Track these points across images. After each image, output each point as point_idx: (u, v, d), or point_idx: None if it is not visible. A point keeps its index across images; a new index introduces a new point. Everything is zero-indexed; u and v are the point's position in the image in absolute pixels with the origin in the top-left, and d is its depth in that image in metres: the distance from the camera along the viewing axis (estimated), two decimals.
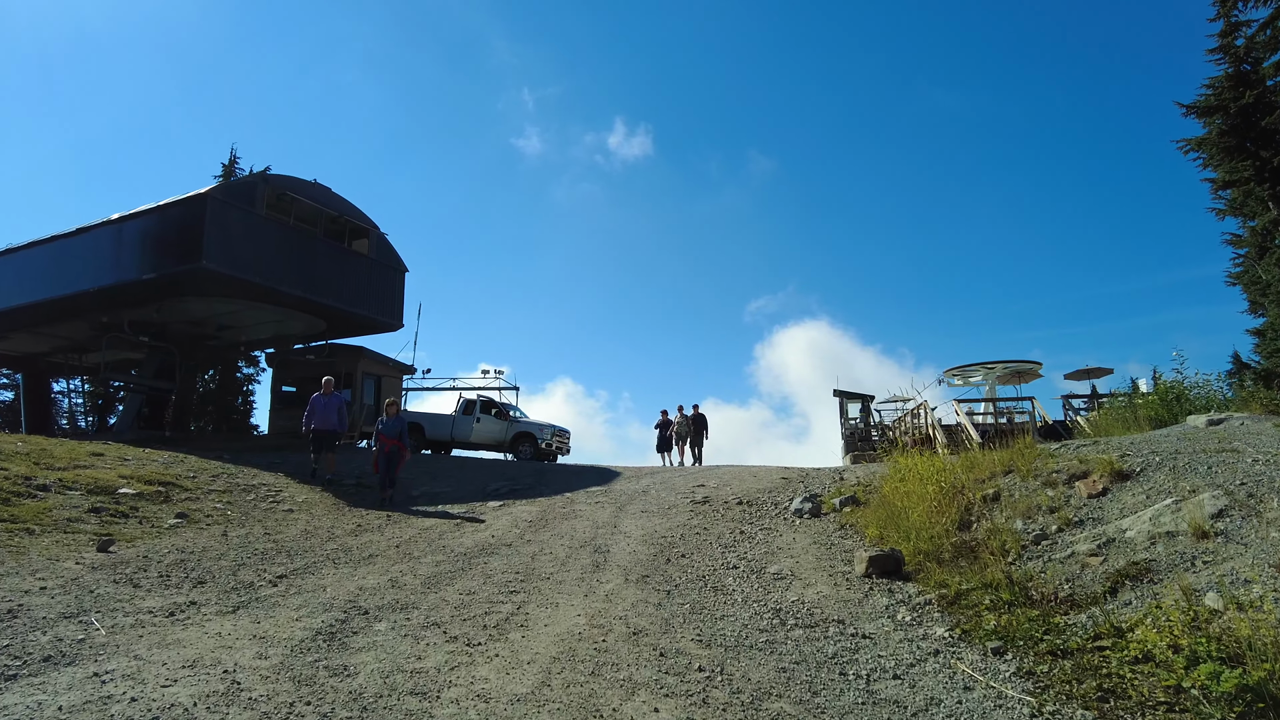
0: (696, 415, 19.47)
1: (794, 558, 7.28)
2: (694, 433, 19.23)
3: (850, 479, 11.97)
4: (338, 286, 19.76)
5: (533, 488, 12.34)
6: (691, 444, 19.29)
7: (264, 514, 9.96)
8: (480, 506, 10.80)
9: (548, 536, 8.53)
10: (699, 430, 19.32)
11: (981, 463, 8.84)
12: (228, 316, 20.05)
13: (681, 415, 19.48)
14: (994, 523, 6.88)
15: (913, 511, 7.42)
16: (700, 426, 19.40)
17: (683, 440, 19.20)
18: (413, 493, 12.05)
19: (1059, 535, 6.08)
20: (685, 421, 19.34)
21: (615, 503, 10.79)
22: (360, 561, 7.30)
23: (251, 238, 18.00)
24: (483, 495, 11.77)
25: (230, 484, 11.49)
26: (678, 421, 19.40)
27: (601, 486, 12.42)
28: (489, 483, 12.76)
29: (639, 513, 9.96)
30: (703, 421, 19.50)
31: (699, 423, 19.41)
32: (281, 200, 19.12)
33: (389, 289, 21.03)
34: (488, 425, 19.48)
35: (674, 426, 19.36)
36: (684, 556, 7.44)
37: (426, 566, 7.02)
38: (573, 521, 9.47)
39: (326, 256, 19.71)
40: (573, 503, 10.91)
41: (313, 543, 8.30)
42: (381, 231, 20.93)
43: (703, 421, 19.50)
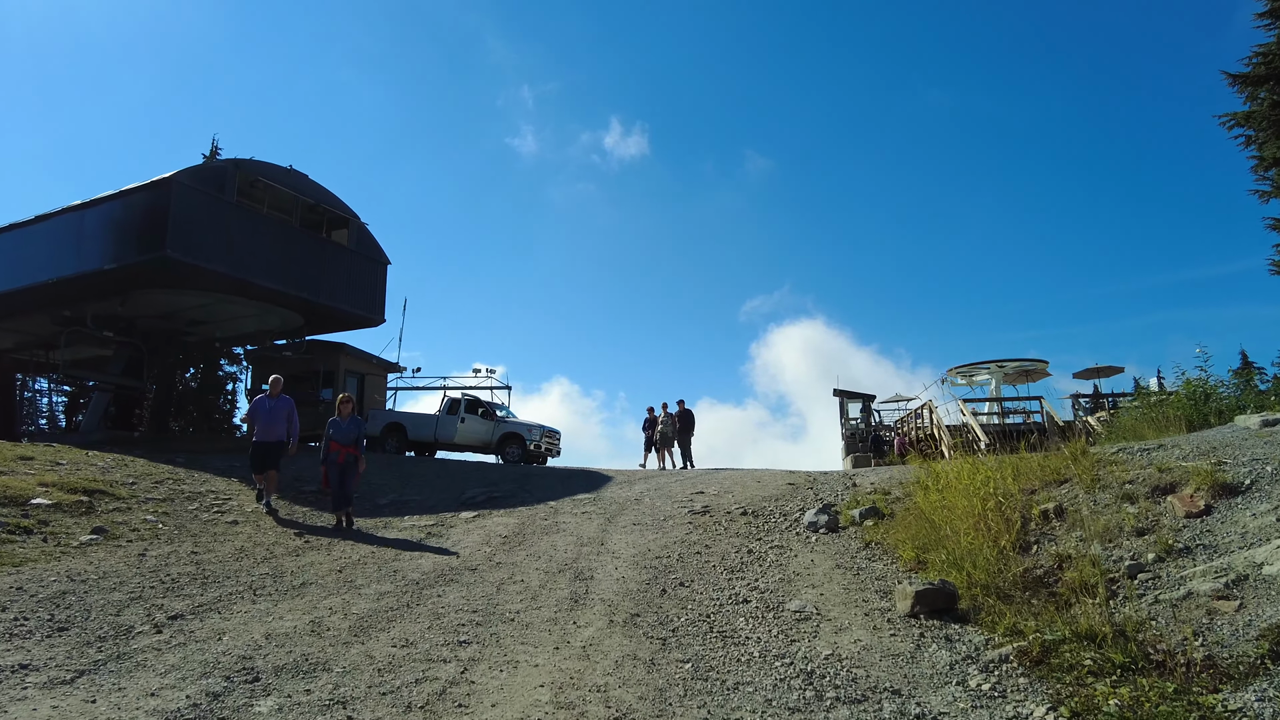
0: (683, 413, 17.31)
1: (816, 587, 5.86)
2: (680, 432, 17.15)
3: (864, 485, 10.58)
4: (315, 279, 18.28)
5: (514, 495, 10.90)
6: (678, 444, 17.27)
7: (202, 527, 8.50)
8: (451, 518, 9.36)
9: (522, 557, 7.10)
10: (686, 429, 17.23)
11: (1025, 469, 7.43)
12: (198, 311, 18.55)
13: (666, 413, 17.35)
14: (1063, 546, 5.47)
15: (959, 529, 6.01)
16: (687, 425, 17.31)
17: (668, 441, 17.19)
18: (379, 501, 10.60)
19: (1161, 567, 4.67)
20: (670, 420, 17.24)
21: (604, 513, 9.36)
22: (287, 592, 5.85)
23: (221, 226, 16.51)
24: (457, 504, 10.32)
25: (174, 491, 10.02)
26: (661, 420, 17.34)
27: (590, 493, 10.99)
28: (466, 489, 11.32)
29: (630, 526, 8.54)
30: (689, 420, 17.40)
31: (685, 421, 17.32)
32: (254, 187, 17.63)
33: (370, 282, 19.55)
34: (473, 426, 18.02)
35: (658, 425, 17.33)
36: (683, 585, 6.01)
37: (366, 600, 5.57)
38: (554, 537, 8.04)
39: (303, 247, 18.23)
40: (556, 513, 9.47)
41: (243, 564, 6.84)
42: (362, 221, 19.46)
43: (689, 420, 17.40)
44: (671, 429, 17.10)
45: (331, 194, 19.04)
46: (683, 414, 17.21)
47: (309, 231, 18.65)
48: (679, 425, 17.10)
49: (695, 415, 17.54)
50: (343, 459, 9.07)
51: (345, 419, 9.37)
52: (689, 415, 17.33)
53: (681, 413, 17.21)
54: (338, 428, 9.26)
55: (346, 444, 9.19)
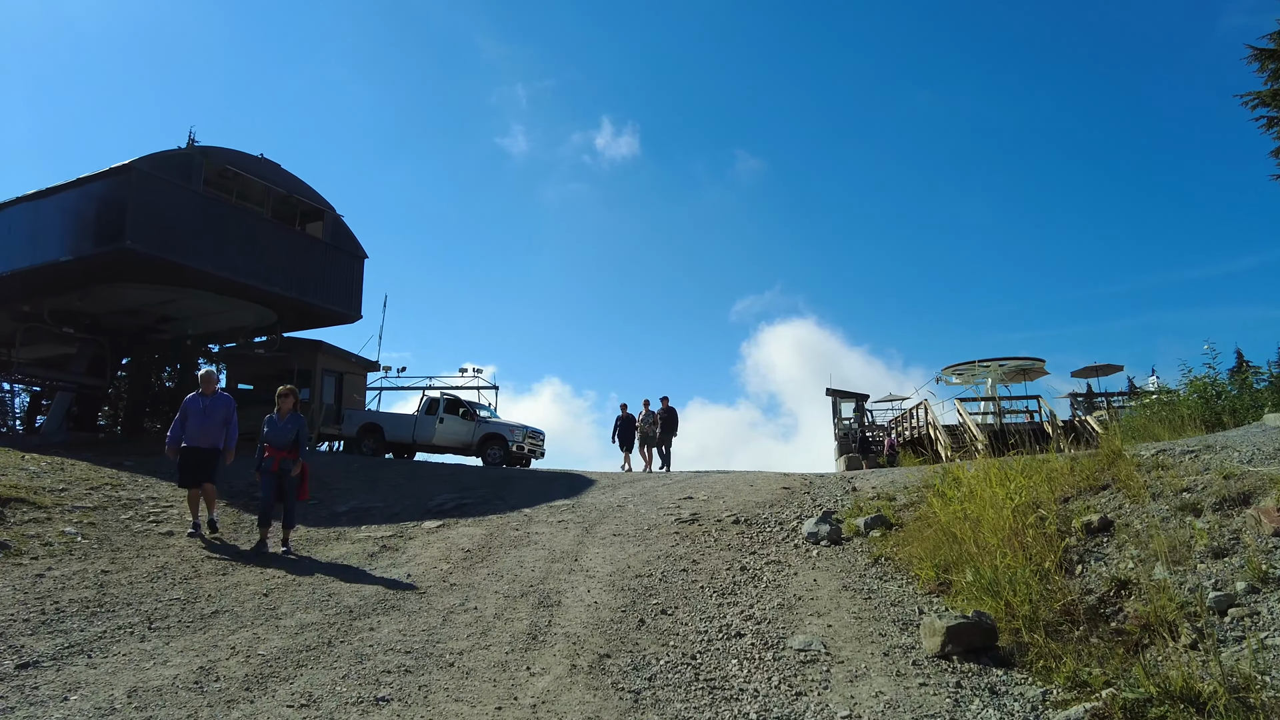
0: (666, 411, 15.82)
1: (823, 616, 4.86)
2: (662, 432, 15.65)
3: (865, 490, 9.61)
4: (288, 273, 17.17)
5: (486, 501, 9.87)
6: (659, 445, 15.71)
7: (129, 540, 7.43)
8: (413, 528, 8.32)
9: (481, 577, 6.07)
10: (668, 428, 15.71)
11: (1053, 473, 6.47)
12: (165, 306, 17.40)
13: (647, 411, 15.82)
14: (1118, 568, 4.50)
15: (988, 545, 5.03)
16: (670, 424, 15.79)
17: (649, 441, 15.66)
18: (337, 508, 9.54)
19: (1257, 600, 3.70)
20: (651, 419, 15.72)
21: (583, 522, 8.35)
22: (191, 624, 4.81)
23: (186, 217, 15.40)
24: (422, 512, 9.28)
25: (108, 498, 8.94)
26: (641, 417, 15.78)
27: (570, 499, 9.97)
28: (436, 494, 10.28)
29: (610, 537, 7.53)
30: (673, 418, 15.89)
31: (669, 420, 15.81)
32: (223, 177, 16.54)
33: (346, 276, 18.45)
34: (452, 426, 16.94)
35: (637, 424, 15.80)
36: (665, 613, 5.01)
37: (281, 636, 4.54)
38: (522, 551, 7.02)
39: (275, 239, 17.13)
40: (530, 522, 8.45)
41: (155, 587, 5.79)
42: (337, 214, 18.36)
43: (673, 418, 15.89)
44: (653, 429, 15.68)
45: (305, 184, 17.96)
46: (666, 412, 15.83)
47: (281, 223, 17.55)
48: (661, 425, 15.72)
49: (679, 414, 16.21)
50: (278, 466, 7.39)
51: (284, 417, 7.61)
52: (672, 414, 15.96)
53: (664, 411, 15.85)
54: (273, 427, 7.54)
55: (282, 447, 7.48)
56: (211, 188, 16.37)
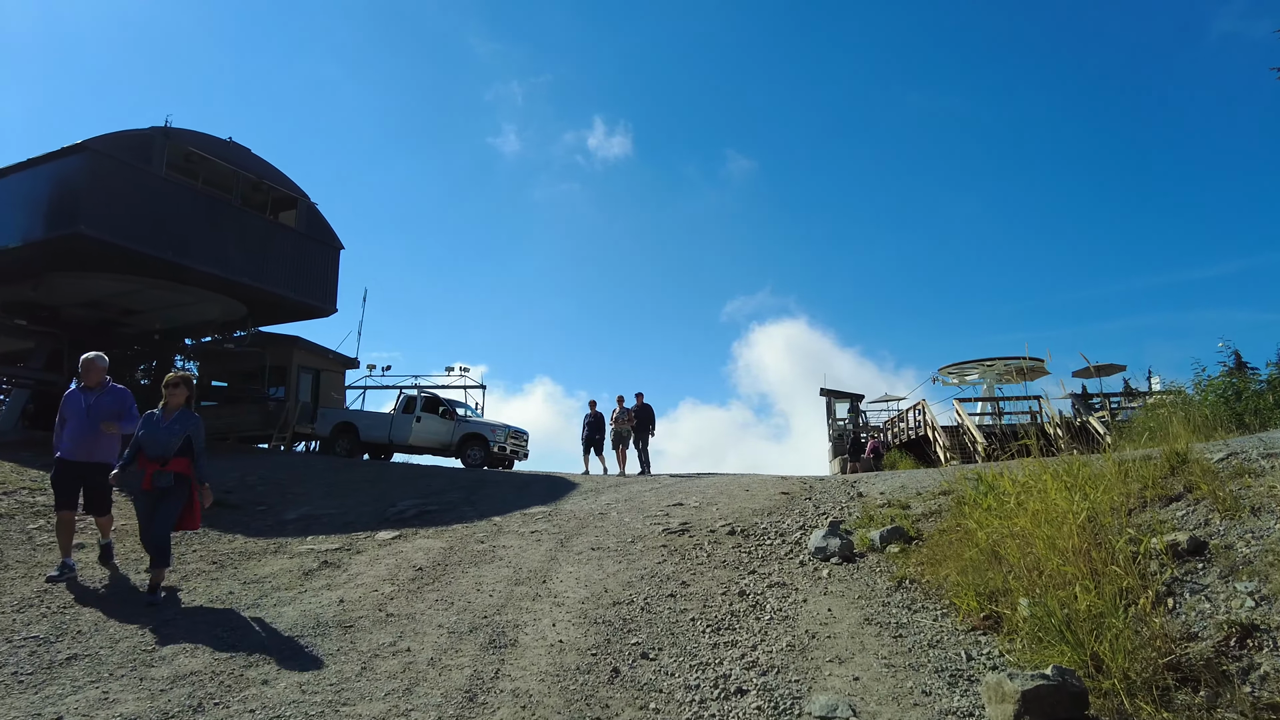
0: (641, 407, 14.16)
1: (845, 663, 3.75)
2: (639, 432, 14.01)
3: (873, 496, 8.54)
4: (258, 263, 15.96)
5: (454, 508, 8.72)
6: (635, 445, 14.01)
7: (26, 554, 6.23)
8: (364, 540, 7.17)
9: (427, 605, 4.94)
10: (643, 427, 14.04)
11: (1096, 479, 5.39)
12: (126, 298, 16.13)
13: (621, 409, 14.20)
14: (1229, 606, 3.42)
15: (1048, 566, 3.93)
16: (645, 423, 14.09)
17: (623, 442, 14.03)
18: (286, 516, 8.37)
19: None
20: (626, 417, 14.08)
21: (558, 533, 7.22)
22: (31, 675, 3.65)
23: (146, 202, 14.19)
24: (379, 520, 8.13)
25: (21, 504, 7.78)
26: (615, 416, 14.12)
27: (547, 506, 8.84)
28: (399, 500, 9.12)
29: (588, 551, 6.41)
30: (648, 416, 14.18)
31: (644, 418, 14.13)
32: (189, 160, 15.33)
33: (321, 268, 17.25)
34: (430, 425, 15.75)
35: (612, 423, 14.10)
36: (646, 657, 3.89)
37: (137, 697, 3.38)
38: (483, 569, 5.88)
39: (244, 228, 15.91)
40: (499, 533, 7.32)
41: (19, 619, 4.62)
42: (311, 201, 17.17)
43: (648, 416, 14.18)
44: (628, 428, 14.03)
45: (278, 171, 16.77)
46: (641, 410, 14.16)
47: (251, 211, 16.34)
48: (637, 424, 14.09)
49: (654, 412, 14.43)
50: (149, 484, 5.10)
51: (169, 416, 5.34)
52: (648, 411, 14.24)
53: (640, 408, 14.18)
54: (152, 429, 5.26)
55: (161, 457, 5.18)
56: (176, 172, 15.18)
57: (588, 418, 14.32)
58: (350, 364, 20.77)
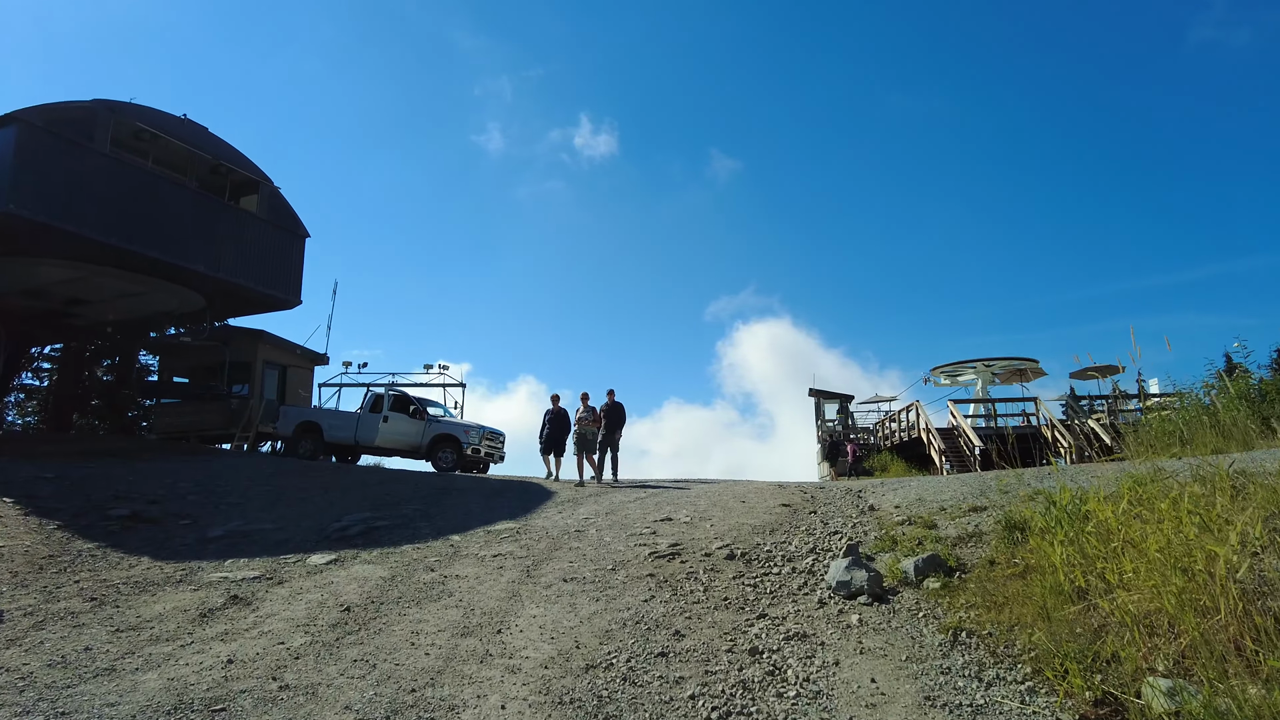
0: (611, 406, 12.00)
1: None
2: (606, 433, 11.89)
3: (885, 509, 7.39)
4: (216, 251, 14.53)
5: (408, 523, 7.42)
6: (603, 448, 11.89)
7: None
8: (293, 565, 5.86)
9: (339, 671, 3.66)
10: (612, 429, 11.91)
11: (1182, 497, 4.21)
12: (71, 286, 14.63)
13: (586, 407, 12.05)
14: None
15: (1199, 639, 2.76)
16: (615, 424, 11.98)
17: (587, 447, 11.85)
18: (211, 532, 7.02)
19: None
20: (592, 417, 11.97)
21: (526, 557, 5.97)
22: None
23: (88, 181, 12.72)
24: (318, 539, 6.81)
25: None
26: (580, 415, 11.99)
27: (517, 521, 7.57)
28: (347, 512, 7.81)
29: (558, 583, 5.16)
30: (618, 416, 12.04)
31: (614, 418, 11.99)
32: (139, 139, 13.86)
33: (284, 257, 15.83)
34: (398, 426, 14.38)
35: (575, 423, 12.01)
36: None
37: None
38: (426, 611, 4.61)
39: (200, 212, 14.46)
40: (454, 556, 6.05)
41: None
42: (275, 186, 15.74)
43: (618, 416, 12.04)
44: (593, 429, 11.91)
45: (239, 153, 15.34)
46: (611, 409, 12.03)
47: (209, 195, 14.90)
48: (606, 424, 11.95)
49: (626, 412, 12.18)
50: None
51: None
52: (618, 411, 12.07)
53: (610, 407, 12.03)
54: None
55: None
56: (123, 150, 13.71)
57: (549, 414, 12.35)
58: (319, 360, 19.33)
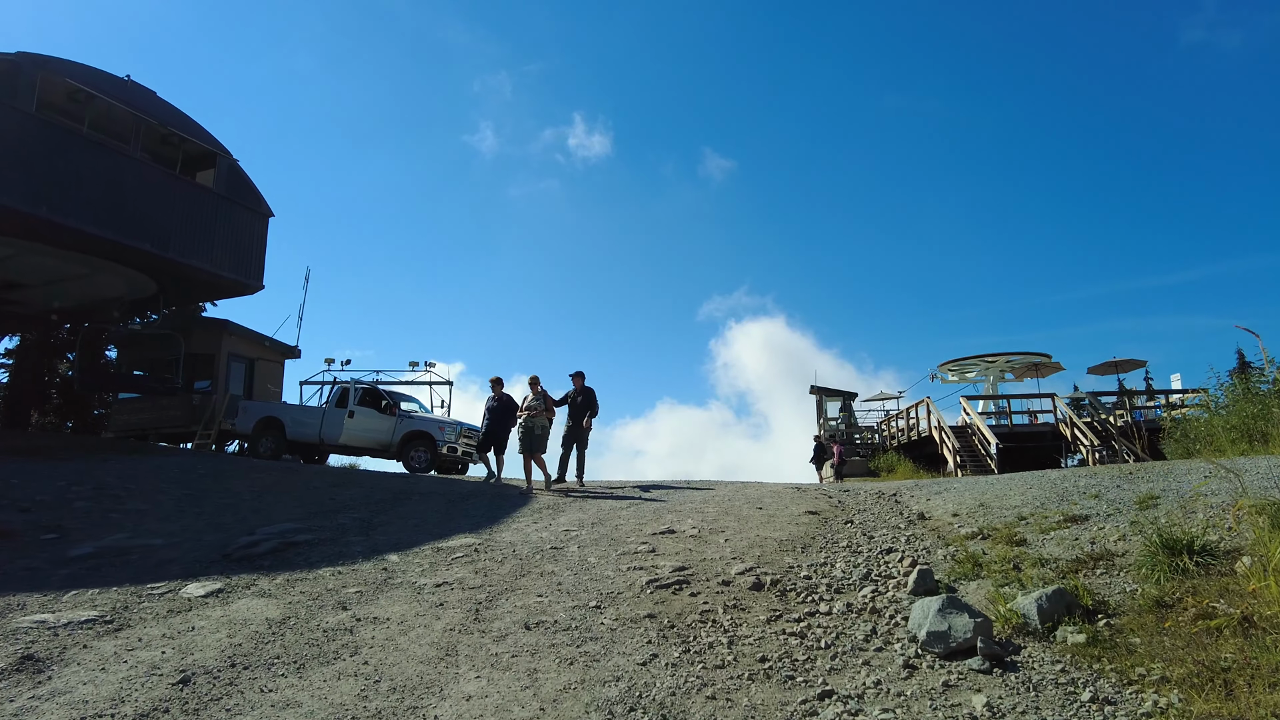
0: (580, 392, 9.06)
1: None
2: (573, 424, 9.01)
3: (940, 518, 5.78)
4: (165, 228, 12.74)
5: (340, 536, 5.69)
6: (567, 444, 8.97)
7: None
8: (155, 599, 4.13)
9: None
10: (579, 419, 8.96)
11: None
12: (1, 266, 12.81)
13: (537, 394, 8.89)
14: None
15: None
16: (582, 412, 8.97)
17: (536, 443, 8.72)
18: (76, 550, 5.26)
19: None
20: (544, 405, 8.86)
21: (480, 585, 4.27)
22: None
23: (8, 142, 10.93)
24: (215, 557, 5.07)
25: None
26: (528, 405, 8.81)
27: (478, 535, 5.85)
28: (269, 521, 6.07)
29: (517, 631, 3.47)
30: (588, 405, 9.04)
31: (582, 406, 8.99)
32: (74, 100, 12.07)
33: (245, 237, 14.03)
34: (365, 422, 12.60)
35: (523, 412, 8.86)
36: None
37: None
38: (307, 681, 2.90)
39: (147, 185, 12.67)
40: (384, 585, 4.33)
41: None
42: (234, 159, 13.95)
43: (588, 405, 9.04)
44: (543, 421, 8.79)
45: (192, 121, 13.57)
46: (579, 395, 9.04)
47: (157, 166, 13.11)
48: (571, 413, 9.05)
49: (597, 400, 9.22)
50: None
51: None
52: (589, 398, 9.07)
53: (578, 393, 9.05)
54: None
55: None
56: (54, 112, 11.92)
57: (490, 402, 9.49)
58: (291, 353, 17.49)
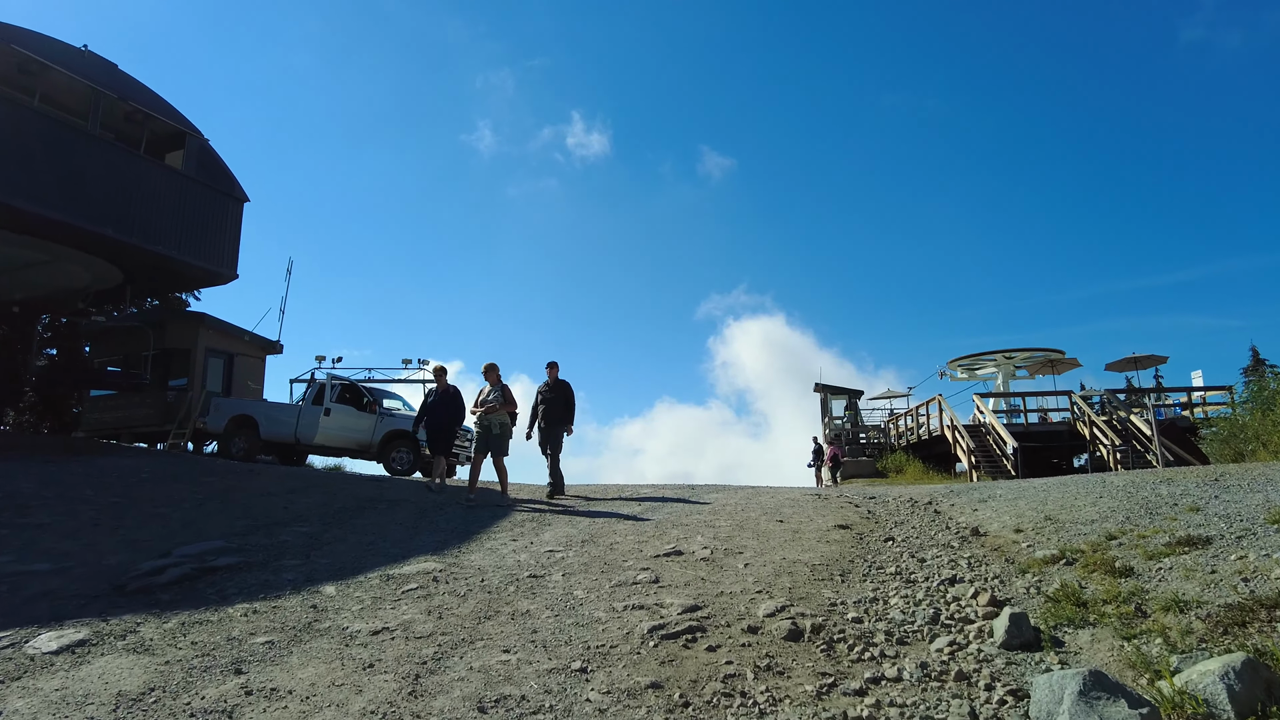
0: (554, 384, 7.65)
1: None
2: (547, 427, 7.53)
3: (999, 533, 4.70)
4: (130, 212, 11.61)
5: (274, 558, 4.57)
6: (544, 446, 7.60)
7: None
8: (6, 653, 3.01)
9: None
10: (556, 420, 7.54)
11: None
12: None
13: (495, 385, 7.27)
14: None
15: None
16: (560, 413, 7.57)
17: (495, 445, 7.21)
18: None
19: None
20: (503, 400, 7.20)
21: (429, 635, 3.15)
22: None
23: None
24: (103, 589, 3.94)
25: None
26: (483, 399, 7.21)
27: (440, 557, 4.74)
28: (195, 540, 4.94)
29: (469, 716, 2.34)
30: (564, 402, 7.61)
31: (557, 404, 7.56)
32: (24, 71, 10.92)
33: (217, 223, 12.88)
34: (343, 420, 11.47)
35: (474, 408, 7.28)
36: None
37: None
38: None
39: (109, 165, 11.54)
40: (305, 632, 3.21)
41: None
42: (205, 139, 12.82)
43: (564, 402, 7.61)
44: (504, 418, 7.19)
45: (159, 98, 12.42)
46: (552, 389, 7.57)
47: (119, 145, 11.97)
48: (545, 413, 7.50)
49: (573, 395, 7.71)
50: None
51: None
52: (565, 393, 7.61)
53: (552, 387, 7.59)
54: None
55: None
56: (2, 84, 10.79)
57: (429, 397, 8.03)
58: (273, 348, 16.35)
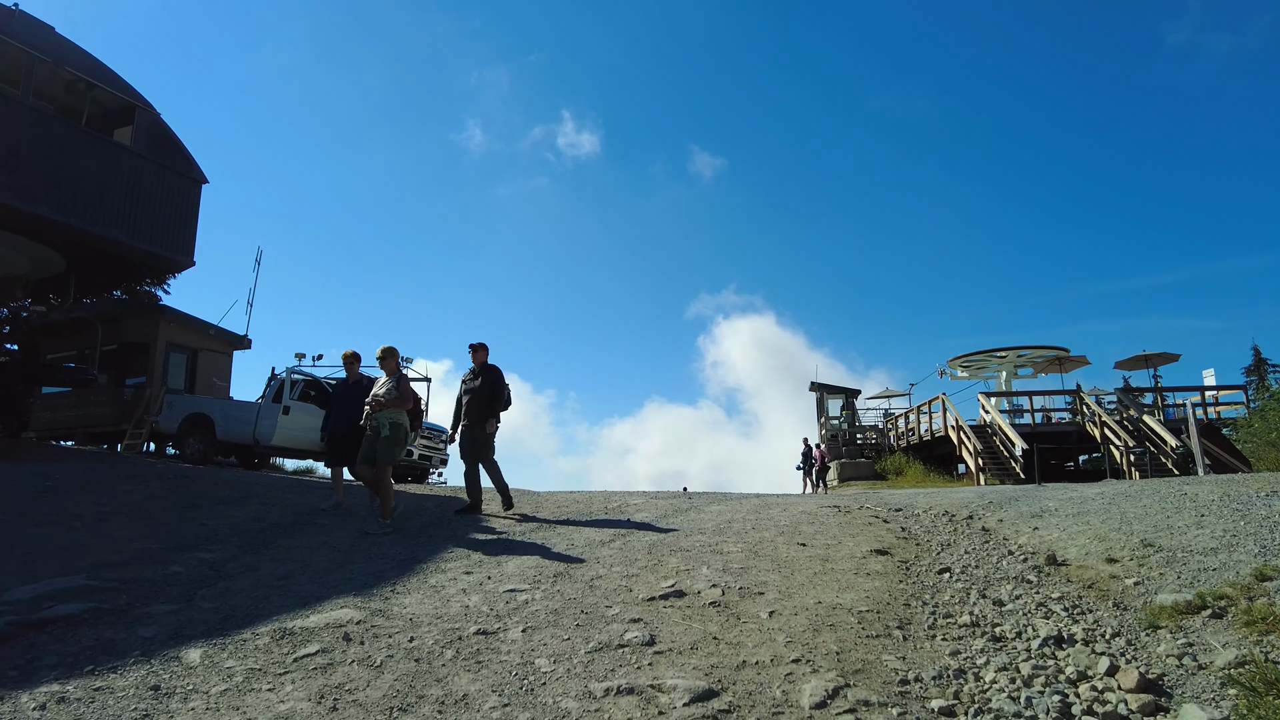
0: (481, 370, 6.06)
1: None
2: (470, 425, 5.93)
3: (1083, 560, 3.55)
4: (71, 192, 10.36)
5: (143, 600, 3.39)
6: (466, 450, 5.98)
7: None
8: None
9: None
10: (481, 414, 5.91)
11: None
12: None
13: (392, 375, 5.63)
14: None
15: None
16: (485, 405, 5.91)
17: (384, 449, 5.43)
18: None
19: None
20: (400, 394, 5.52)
21: None
22: None
23: None
24: None
25: None
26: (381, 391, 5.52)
27: (368, 600, 3.55)
28: (58, 572, 3.76)
29: None
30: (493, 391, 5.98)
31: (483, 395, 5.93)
32: None
33: (172, 206, 11.62)
34: (303, 419, 10.24)
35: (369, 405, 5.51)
36: None
37: None
38: None
39: (48, 139, 10.28)
40: None
41: None
42: (157, 113, 11.57)
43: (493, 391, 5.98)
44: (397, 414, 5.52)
45: (106, 67, 11.18)
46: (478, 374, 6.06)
47: (61, 119, 10.71)
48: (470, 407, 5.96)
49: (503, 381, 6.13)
50: None
51: None
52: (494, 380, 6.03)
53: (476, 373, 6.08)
54: None
55: None
56: None
57: (337, 390, 6.88)
58: (240, 343, 15.10)
